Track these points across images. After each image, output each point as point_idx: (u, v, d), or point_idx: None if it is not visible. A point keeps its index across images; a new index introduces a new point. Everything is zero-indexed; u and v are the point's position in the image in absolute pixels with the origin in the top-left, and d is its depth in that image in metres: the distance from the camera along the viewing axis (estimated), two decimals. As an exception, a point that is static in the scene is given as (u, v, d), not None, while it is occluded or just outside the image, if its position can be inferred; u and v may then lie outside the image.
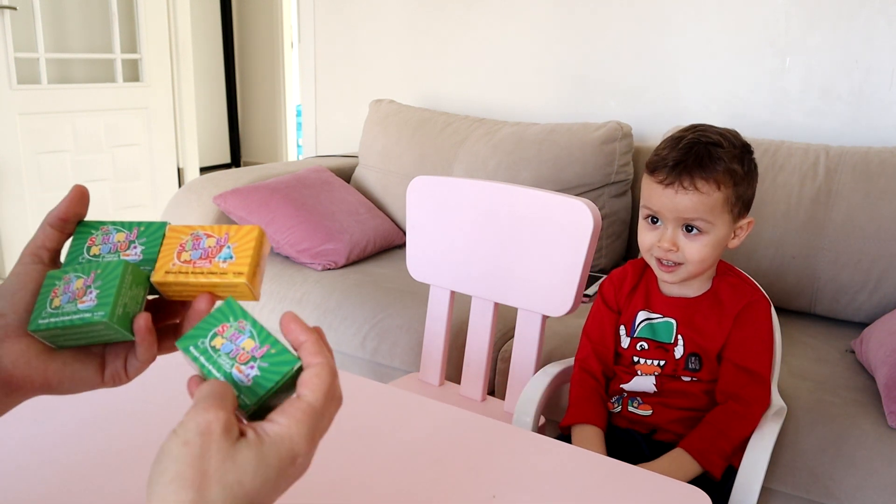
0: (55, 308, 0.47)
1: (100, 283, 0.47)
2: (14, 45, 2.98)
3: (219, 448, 0.39)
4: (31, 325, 0.47)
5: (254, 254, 0.48)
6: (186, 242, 0.49)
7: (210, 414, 0.40)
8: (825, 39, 1.95)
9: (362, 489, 0.71)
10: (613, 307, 1.21)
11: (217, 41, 4.98)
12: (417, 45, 2.67)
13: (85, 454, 0.71)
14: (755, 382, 1.10)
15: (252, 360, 0.45)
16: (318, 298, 1.84)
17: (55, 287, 0.48)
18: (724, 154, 1.05)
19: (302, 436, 0.42)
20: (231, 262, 0.47)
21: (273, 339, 0.46)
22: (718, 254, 1.10)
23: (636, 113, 2.25)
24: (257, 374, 0.45)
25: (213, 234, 0.49)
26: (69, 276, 0.48)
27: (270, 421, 0.42)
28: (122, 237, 0.50)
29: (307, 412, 0.42)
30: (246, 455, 0.40)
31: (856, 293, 1.69)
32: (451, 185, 1.35)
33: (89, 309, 0.46)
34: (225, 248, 0.48)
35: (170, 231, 0.50)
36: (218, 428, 0.39)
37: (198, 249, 0.48)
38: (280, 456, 0.41)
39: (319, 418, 0.43)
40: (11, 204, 3.06)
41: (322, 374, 0.44)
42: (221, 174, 2.22)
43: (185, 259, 0.48)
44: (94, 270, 0.47)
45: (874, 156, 1.71)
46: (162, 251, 0.49)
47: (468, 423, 0.84)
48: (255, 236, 0.48)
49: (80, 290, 0.47)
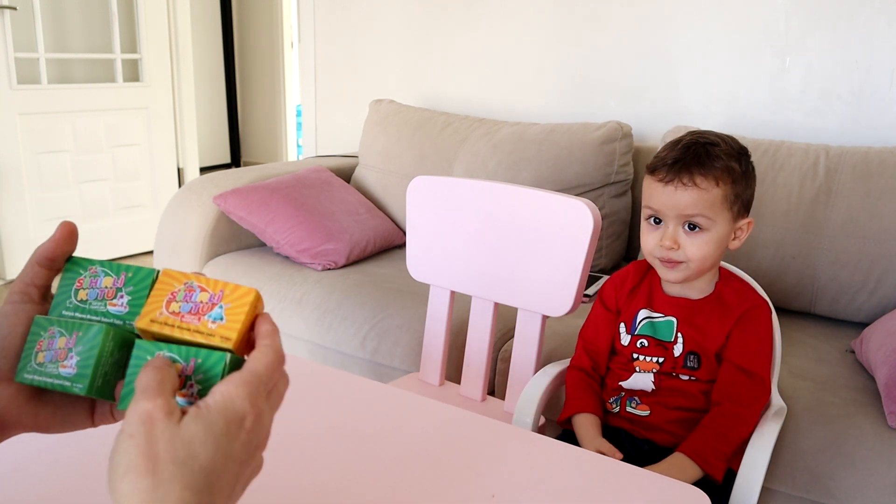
0: (39, 364, 0.47)
1: (80, 348, 0.46)
2: (14, 45, 2.98)
3: (163, 430, 0.40)
4: (18, 376, 0.47)
5: (245, 319, 0.46)
6: (178, 292, 0.47)
7: (148, 403, 0.40)
8: (825, 39, 1.95)
9: (362, 489, 0.71)
10: (612, 307, 1.22)
11: (217, 41, 4.98)
12: (417, 45, 2.67)
13: (84, 453, 0.71)
14: (754, 383, 1.10)
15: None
16: (318, 298, 1.84)
17: (40, 339, 0.47)
18: (721, 153, 1.08)
19: (241, 397, 0.42)
20: (220, 324, 0.45)
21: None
22: (720, 253, 1.11)
23: (636, 113, 2.25)
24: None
25: (206, 289, 0.47)
26: (53, 331, 0.47)
27: (211, 393, 0.43)
28: (110, 282, 0.49)
29: (245, 378, 0.43)
30: (192, 429, 0.40)
31: (856, 293, 1.69)
32: (451, 185, 1.35)
33: (69, 377, 0.46)
34: (217, 308, 0.46)
35: (164, 275, 0.48)
36: (159, 414, 0.40)
37: (189, 302, 0.46)
38: (226, 419, 0.42)
39: (260, 383, 0.44)
40: (11, 204, 3.06)
41: (266, 351, 0.45)
42: (221, 174, 2.22)
43: (173, 310, 0.46)
44: (76, 331, 0.47)
45: (874, 156, 1.71)
46: (152, 295, 0.47)
47: (468, 423, 0.84)
48: (250, 300, 0.46)
49: (63, 350, 0.47)
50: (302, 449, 0.77)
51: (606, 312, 1.23)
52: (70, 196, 3.27)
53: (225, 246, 2.12)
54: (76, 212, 3.29)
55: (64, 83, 3.25)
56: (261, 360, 0.44)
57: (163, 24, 3.51)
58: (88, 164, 3.31)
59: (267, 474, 0.68)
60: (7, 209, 3.05)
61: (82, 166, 3.29)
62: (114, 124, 3.37)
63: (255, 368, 0.44)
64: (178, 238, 2.09)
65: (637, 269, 1.23)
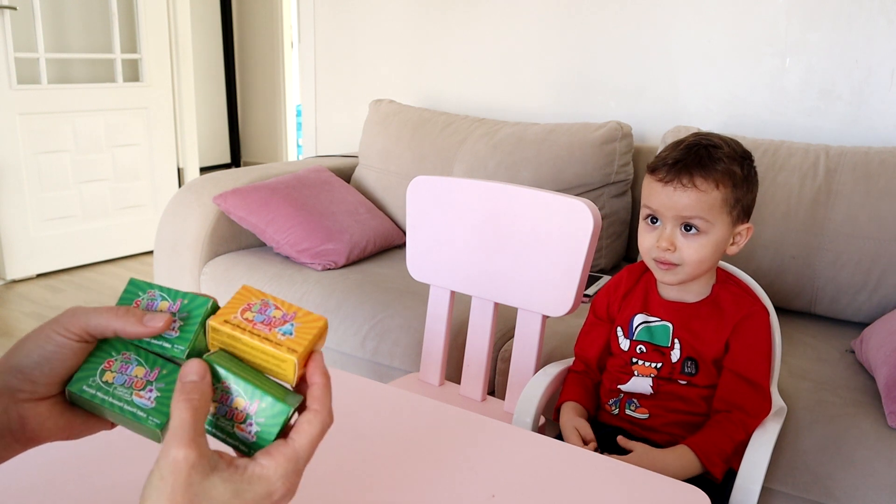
0: (105, 382, 0.48)
1: (162, 385, 0.48)
2: (14, 45, 2.98)
3: (189, 483, 0.42)
4: (73, 385, 0.48)
5: (312, 339, 0.48)
6: (255, 304, 0.49)
7: (180, 452, 0.42)
8: (825, 39, 1.95)
9: (362, 489, 0.71)
10: (603, 316, 1.24)
11: (217, 41, 4.98)
12: (418, 44, 2.67)
13: (90, 447, 0.71)
14: (756, 393, 1.10)
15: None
16: (318, 298, 1.84)
17: (110, 358, 0.48)
18: (723, 155, 1.07)
19: (280, 476, 0.45)
20: (289, 338, 0.47)
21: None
22: (717, 257, 1.10)
23: (636, 113, 2.25)
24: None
25: (281, 308, 0.49)
26: (129, 356, 0.48)
27: (254, 460, 0.45)
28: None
29: (290, 457, 0.45)
30: (220, 489, 0.43)
31: (856, 293, 1.69)
32: (451, 185, 1.35)
33: (145, 409, 0.47)
34: (288, 324, 0.48)
35: (243, 289, 0.50)
36: (185, 466, 0.42)
37: (263, 315, 0.49)
38: (256, 492, 0.44)
39: (301, 461, 0.46)
40: (11, 204, 3.06)
41: (315, 422, 0.47)
42: (221, 174, 2.22)
43: (247, 317, 0.48)
44: (158, 367, 0.48)
45: (874, 156, 1.71)
46: (228, 303, 0.49)
47: (468, 423, 0.84)
48: (320, 325, 0.49)
49: (140, 380, 0.48)
50: (302, 449, 0.76)
51: (598, 322, 1.24)
52: (70, 196, 3.27)
53: (225, 246, 2.12)
54: (76, 212, 3.30)
55: (64, 83, 3.25)
56: (308, 434, 0.46)
57: (163, 24, 3.51)
58: (88, 164, 3.31)
59: (267, 474, 0.68)
60: (7, 209, 3.05)
61: (82, 166, 3.29)
62: (114, 124, 3.37)
63: (301, 445, 0.46)
64: (178, 238, 2.10)
65: (631, 273, 1.22)
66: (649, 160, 1.14)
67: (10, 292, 3.03)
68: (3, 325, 2.70)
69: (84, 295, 3.03)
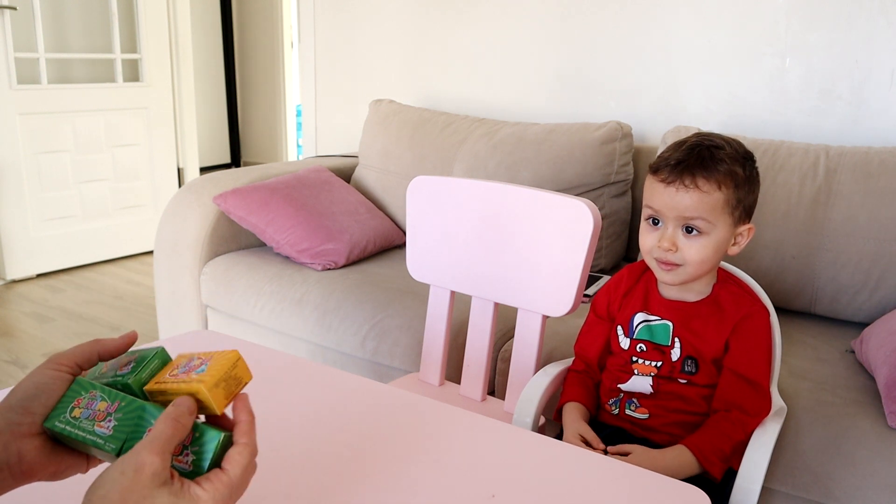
0: (74, 417, 0.55)
1: (120, 415, 0.55)
2: (14, 45, 2.98)
3: (143, 487, 0.47)
4: (48, 422, 0.55)
5: (223, 369, 0.56)
6: (181, 363, 0.58)
7: (148, 457, 0.48)
8: (825, 39, 1.95)
9: (362, 489, 0.71)
10: (603, 315, 1.24)
11: (217, 41, 4.98)
12: (417, 44, 2.67)
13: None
14: (756, 392, 1.10)
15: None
16: (318, 298, 1.84)
17: (80, 397, 0.56)
18: (726, 156, 1.07)
19: (215, 500, 0.51)
20: (201, 375, 0.55)
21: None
22: (718, 257, 1.10)
23: (636, 113, 2.25)
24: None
25: (201, 357, 0.58)
26: (95, 394, 0.56)
27: (198, 483, 0.51)
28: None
29: (227, 484, 0.52)
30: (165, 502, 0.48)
31: (856, 293, 1.69)
32: (451, 185, 1.35)
33: (103, 436, 0.54)
34: (203, 365, 0.56)
35: (178, 356, 0.59)
36: (149, 471, 0.48)
37: (185, 367, 0.57)
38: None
39: (235, 489, 0.53)
40: (11, 204, 3.06)
41: (245, 453, 0.54)
42: (221, 174, 2.22)
43: (172, 374, 0.57)
44: (118, 401, 0.56)
45: (874, 156, 1.71)
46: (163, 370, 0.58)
47: (468, 423, 0.84)
48: (230, 357, 0.57)
49: (101, 413, 0.55)
50: (302, 448, 0.77)
51: (598, 321, 1.24)
52: (70, 196, 3.27)
53: (225, 246, 2.12)
54: (76, 212, 3.30)
55: (64, 83, 3.25)
56: (240, 464, 0.53)
57: (163, 24, 3.51)
58: (88, 164, 3.31)
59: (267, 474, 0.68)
60: (7, 209, 3.05)
61: (82, 166, 3.29)
62: (114, 124, 3.37)
63: (235, 474, 0.52)
64: (178, 238, 2.10)
65: (632, 272, 1.23)
66: (649, 160, 1.14)
67: (10, 292, 3.03)
68: (3, 325, 2.70)
69: (84, 295, 3.03)
